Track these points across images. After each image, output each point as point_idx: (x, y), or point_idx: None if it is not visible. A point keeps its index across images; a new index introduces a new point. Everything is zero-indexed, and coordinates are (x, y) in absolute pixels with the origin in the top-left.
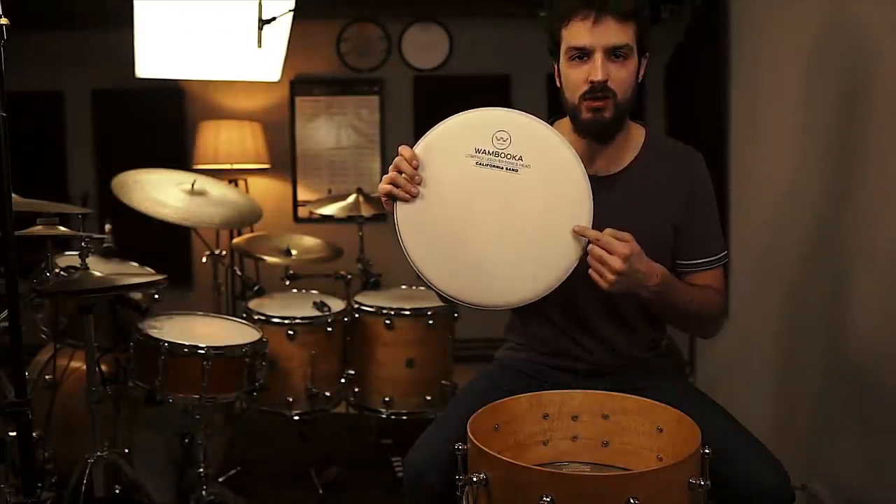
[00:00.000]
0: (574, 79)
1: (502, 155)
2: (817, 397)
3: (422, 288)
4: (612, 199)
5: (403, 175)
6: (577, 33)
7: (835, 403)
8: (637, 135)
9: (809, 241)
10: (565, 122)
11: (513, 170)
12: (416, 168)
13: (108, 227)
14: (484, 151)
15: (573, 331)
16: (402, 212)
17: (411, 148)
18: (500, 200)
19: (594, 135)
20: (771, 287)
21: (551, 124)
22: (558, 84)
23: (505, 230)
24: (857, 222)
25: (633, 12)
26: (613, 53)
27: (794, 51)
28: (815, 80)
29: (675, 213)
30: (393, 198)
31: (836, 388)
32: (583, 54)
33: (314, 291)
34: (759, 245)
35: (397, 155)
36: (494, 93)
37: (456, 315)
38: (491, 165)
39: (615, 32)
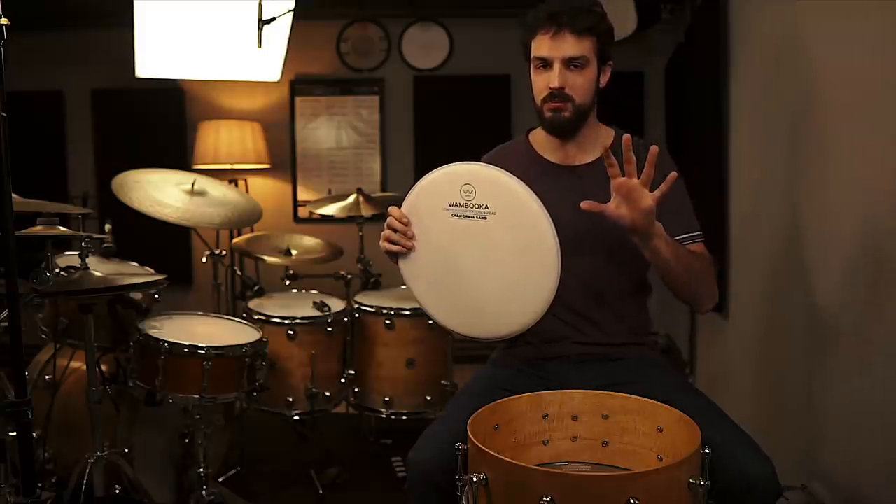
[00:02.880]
0: (538, 85)
1: (471, 205)
2: (815, 396)
3: None
4: (583, 187)
5: (397, 232)
6: (540, 45)
7: (832, 403)
8: (606, 134)
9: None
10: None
11: (482, 218)
12: (406, 224)
13: (108, 227)
14: (456, 204)
15: (563, 314)
16: (403, 265)
17: (399, 208)
18: (478, 246)
19: (556, 131)
20: (767, 286)
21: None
22: None
23: (487, 272)
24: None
25: (590, 28)
26: (571, 63)
27: (786, 53)
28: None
29: None
30: (394, 254)
31: (833, 387)
32: (545, 63)
33: (314, 291)
34: (756, 245)
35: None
36: (494, 93)
37: None
38: (463, 216)
39: (572, 45)
